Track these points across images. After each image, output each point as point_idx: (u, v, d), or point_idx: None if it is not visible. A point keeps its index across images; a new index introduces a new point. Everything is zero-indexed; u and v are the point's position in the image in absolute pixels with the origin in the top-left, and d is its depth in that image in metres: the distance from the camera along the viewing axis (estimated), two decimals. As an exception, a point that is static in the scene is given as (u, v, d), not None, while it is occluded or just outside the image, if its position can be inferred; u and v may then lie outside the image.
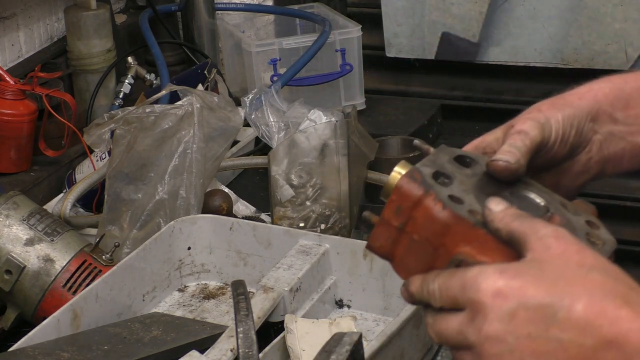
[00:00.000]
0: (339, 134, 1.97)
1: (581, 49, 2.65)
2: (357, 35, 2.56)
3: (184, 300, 1.80)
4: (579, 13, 2.62)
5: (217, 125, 1.92)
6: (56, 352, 1.51)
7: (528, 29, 2.69)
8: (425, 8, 2.76)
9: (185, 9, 2.66)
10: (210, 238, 1.84)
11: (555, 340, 0.88)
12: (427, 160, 1.05)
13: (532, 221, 0.96)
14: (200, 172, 1.88)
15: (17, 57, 2.38)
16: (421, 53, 2.82)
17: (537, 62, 2.72)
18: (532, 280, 0.90)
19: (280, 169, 1.99)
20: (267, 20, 2.83)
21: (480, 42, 2.74)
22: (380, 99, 2.70)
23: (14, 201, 1.76)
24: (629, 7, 2.57)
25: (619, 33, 2.60)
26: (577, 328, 0.88)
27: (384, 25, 2.81)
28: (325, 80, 2.55)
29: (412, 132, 2.42)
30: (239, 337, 1.44)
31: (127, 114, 1.90)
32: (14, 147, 2.16)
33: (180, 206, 1.87)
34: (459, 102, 2.88)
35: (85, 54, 2.40)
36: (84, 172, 2.12)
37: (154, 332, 1.61)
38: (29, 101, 2.15)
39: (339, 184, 1.98)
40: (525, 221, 0.96)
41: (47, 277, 1.73)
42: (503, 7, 2.69)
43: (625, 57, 2.62)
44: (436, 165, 1.04)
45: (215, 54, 2.67)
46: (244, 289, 1.55)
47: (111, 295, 1.68)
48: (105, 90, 2.42)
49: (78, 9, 2.39)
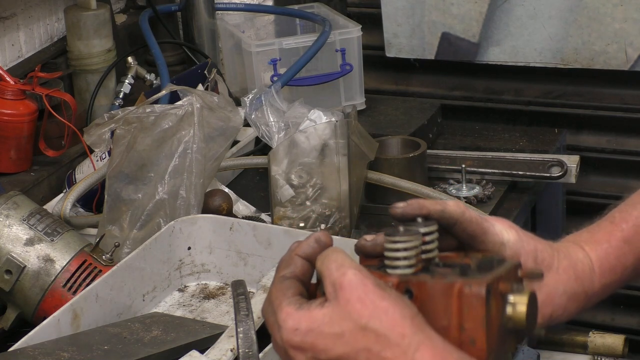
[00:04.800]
0: (339, 134, 1.97)
1: (581, 49, 2.65)
2: (357, 35, 2.56)
3: (184, 300, 1.80)
4: (579, 13, 2.62)
5: (217, 125, 1.92)
6: (56, 352, 1.51)
7: (528, 29, 2.69)
8: (425, 8, 2.76)
9: (185, 9, 2.66)
10: (210, 238, 1.84)
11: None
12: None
13: (330, 263, 1.02)
14: (200, 172, 1.88)
15: (17, 57, 2.38)
16: (421, 53, 2.82)
17: (537, 62, 2.72)
18: (321, 328, 1.01)
19: (280, 169, 1.99)
20: (267, 20, 2.83)
21: (480, 42, 2.74)
22: (380, 99, 2.70)
23: (14, 201, 1.76)
24: (629, 7, 2.57)
25: (619, 33, 2.60)
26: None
27: (384, 26, 2.81)
28: (325, 80, 2.55)
29: (412, 132, 2.42)
30: (239, 337, 1.44)
31: (127, 114, 1.90)
32: (14, 147, 2.16)
33: (180, 206, 1.87)
34: (459, 102, 2.88)
35: (85, 54, 2.40)
36: (84, 172, 2.12)
37: (154, 332, 1.61)
38: (29, 101, 2.15)
39: (339, 184, 1.98)
40: (325, 262, 1.03)
41: (47, 277, 1.73)
42: (503, 7, 2.69)
43: (625, 57, 2.62)
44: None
45: (215, 54, 2.66)
46: (244, 289, 1.55)
47: (111, 295, 1.68)
48: (105, 90, 2.42)
49: (78, 9, 2.39)
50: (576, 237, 1.25)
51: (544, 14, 2.66)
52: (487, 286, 0.99)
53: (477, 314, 0.99)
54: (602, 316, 2.90)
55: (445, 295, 1.00)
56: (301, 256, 1.08)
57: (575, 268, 1.20)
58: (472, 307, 0.99)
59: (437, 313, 1.00)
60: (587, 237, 1.25)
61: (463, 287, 0.99)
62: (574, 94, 2.78)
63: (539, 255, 1.17)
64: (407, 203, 1.10)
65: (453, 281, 1.00)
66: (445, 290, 1.00)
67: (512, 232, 1.16)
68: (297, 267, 1.08)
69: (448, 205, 1.12)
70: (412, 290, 1.02)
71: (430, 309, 1.00)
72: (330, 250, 1.06)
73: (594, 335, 2.18)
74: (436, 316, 1.00)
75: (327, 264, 1.03)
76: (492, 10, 2.70)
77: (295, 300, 1.04)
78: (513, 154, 2.36)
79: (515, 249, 1.14)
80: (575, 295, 1.20)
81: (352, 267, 1.02)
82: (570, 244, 1.23)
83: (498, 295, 1.01)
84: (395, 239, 1.04)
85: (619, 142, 2.75)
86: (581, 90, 2.76)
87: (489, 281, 0.99)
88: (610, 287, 1.24)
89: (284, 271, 1.08)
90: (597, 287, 1.23)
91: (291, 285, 1.06)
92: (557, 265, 1.19)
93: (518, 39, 2.71)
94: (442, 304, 1.00)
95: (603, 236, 1.24)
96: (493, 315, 1.00)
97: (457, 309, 0.99)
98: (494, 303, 1.00)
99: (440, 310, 1.00)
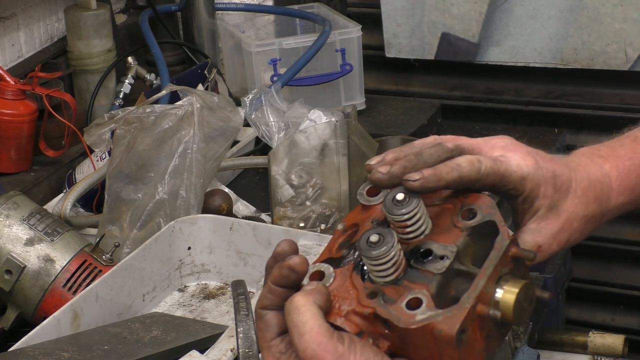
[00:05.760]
0: (339, 134, 1.97)
1: (581, 49, 2.65)
2: (357, 35, 2.56)
3: (184, 300, 1.81)
4: (579, 13, 2.62)
5: (217, 125, 1.92)
6: (56, 352, 1.51)
7: (528, 29, 2.69)
8: (425, 8, 2.76)
9: (185, 9, 2.66)
10: (210, 238, 1.84)
11: None
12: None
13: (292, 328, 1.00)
14: (200, 172, 1.88)
15: (17, 57, 2.38)
16: (421, 53, 2.82)
17: (537, 62, 2.72)
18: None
19: (280, 169, 1.99)
20: (267, 20, 2.83)
21: (480, 42, 2.74)
22: (380, 99, 2.70)
23: (14, 201, 1.77)
24: (629, 7, 2.57)
25: (619, 33, 2.60)
26: None
27: (384, 26, 2.81)
28: (325, 80, 2.55)
29: (412, 132, 2.42)
30: (239, 337, 1.44)
31: (127, 114, 1.90)
32: (14, 147, 2.16)
33: (180, 206, 1.87)
34: (459, 102, 2.88)
35: (85, 54, 2.40)
36: (84, 172, 2.12)
37: (154, 332, 1.61)
38: (29, 101, 2.15)
39: (339, 184, 1.98)
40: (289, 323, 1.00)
41: (47, 277, 1.73)
42: (503, 7, 2.69)
43: (625, 57, 2.62)
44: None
45: (215, 54, 2.67)
46: (244, 288, 1.55)
47: (111, 295, 1.68)
48: (105, 90, 2.42)
49: (78, 9, 2.39)
50: (594, 151, 1.21)
51: (544, 14, 2.66)
52: (457, 330, 0.97)
53: (453, 352, 0.98)
54: (602, 316, 2.91)
55: (420, 334, 0.99)
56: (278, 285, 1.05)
57: (594, 189, 1.17)
58: (446, 346, 0.98)
59: (415, 345, 0.99)
60: (607, 152, 1.20)
61: (433, 330, 0.98)
62: (574, 94, 2.78)
63: (557, 180, 1.14)
64: (423, 174, 1.04)
65: (425, 323, 0.98)
66: (419, 331, 0.99)
67: (530, 161, 1.12)
68: (274, 296, 1.05)
69: (463, 171, 1.08)
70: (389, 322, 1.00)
71: (409, 340, 1.00)
72: (292, 307, 1.00)
73: (594, 335, 2.19)
74: (416, 347, 0.99)
75: (290, 327, 1.00)
76: (491, 11, 2.70)
77: (273, 347, 1.02)
78: (513, 154, 2.36)
79: (535, 181, 1.10)
80: (594, 217, 1.17)
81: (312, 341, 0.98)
82: (587, 160, 1.19)
83: (477, 319, 0.99)
84: (372, 254, 1.00)
85: (619, 142, 2.74)
86: (581, 90, 2.76)
87: (461, 322, 0.97)
88: (627, 205, 1.20)
89: (264, 301, 1.05)
90: (613, 206, 1.19)
91: (270, 322, 1.03)
92: (575, 187, 1.15)
93: (518, 39, 2.71)
94: (419, 339, 0.99)
95: (626, 153, 1.20)
96: (473, 341, 0.99)
97: (434, 344, 0.98)
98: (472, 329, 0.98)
99: (419, 343, 0.99)
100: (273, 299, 1.03)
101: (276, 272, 1.02)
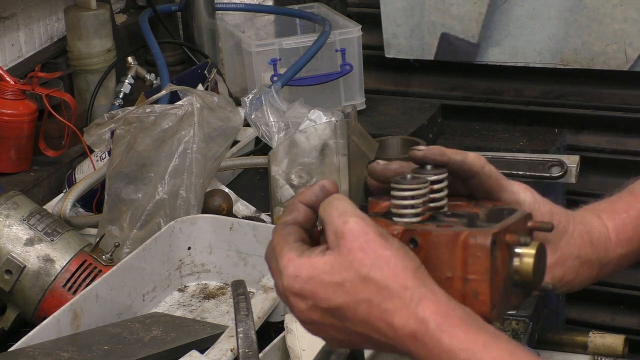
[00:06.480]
0: (339, 134, 1.97)
1: (581, 50, 2.65)
2: (357, 35, 2.56)
3: (184, 300, 1.81)
4: (579, 13, 2.62)
5: (217, 125, 1.92)
6: (56, 352, 1.51)
7: (527, 29, 2.69)
8: (424, 9, 2.76)
9: (185, 9, 2.66)
10: (210, 238, 1.84)
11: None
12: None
13: (332, 210, 1.01)
14: (200, 172, 1.88)
15: (17, 57, 2.38)
16: (420, 54, 2.82)
17: (537, 62, 2.72)
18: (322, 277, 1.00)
19: (280, 169, 1.99)
20: (267, 20, 2.83)
21: (480, 42, 2.74)
22: (380, 99, 2.70)
23: (14, 201, 1.77)
24: (629, 7, 2.57)
25: (619, 33, 2.60)
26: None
27: (383, 26, 2.81)
28: (325, 80, 2.55)
29: (412, 132, 2.42)
30: (239, 337, 1.44)
31: (127, 114, 1.90)
32: (14, 147, 2.16)
33: (180, 206, 1.87)
34: (459, 102, 2.88)
35: (85, 54, 2.40)
36: (84, 172, 2.12)
37: (154, 332, 1.61)
38: (29, 101, 2.15)
39: (339, 184, 1.98)
40: (328, 209, 1.01)
41: (47, 277, 1.73)
42: (502, 7, 2.69)
43: (624, 57, 2.62)
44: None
45: (215, 54, 2.67)
46: (244, 289, 1.55)
47: (111, 295, 1.68)
48: (105, 90, 2.42)
49: (78, 9, 2.39)
50: (594, 207, 1.23)
51: (544, 14, 2.66)
52: (492, 237, 0.95)
53: (481, 265, 0.96)
54: (602, 316, 2.90)
55: (449, 246, 0.97)
56: (304, 203, 1.06)
57: (591, 234, 1.18)
58: (476, 258, 0.96)
59: (441, 264, 0.97)
60: (605, 207, 1.23)
61: (468, 237, 0.96)
62: (574, 94, 2.78)
63: (555, 218, 1.15)
64: (429, 148, 1.07)
65: (458, 231, 0.96)
66: (450, 240, 0.96)
67: (528, 194, 1.14)
68: (299, 213, 1.05)
69: (469, 157, 1.09)
70: (417, 240, 0.98)
71: (434, 259, 0.97)
72: (333, 197, 1.02)
73: (594, 335, 2.19)
74: (440, 267, 0.97)
75: (329, 211, 1.01)
76: (491, 11, 2.70)
77: (296, 247, 1.02)
78: (513, 154, 2.36)
79: (530, 210, 1.12)
80: (589, 262, 1.18)
81: (354, 215, 0.99)
82: (587, 212, 1.22)
83: (504, 247, 0.98)
84: (403, 186, 1.01)
85: (619, 142, 2.75)
86: (581, 91, 2.76)
87: (495, 232, 0.96)
88: (626, 258, 1.22)
89: (287, 217, 1.05)
90: (612, 257, 1.20)
91: (293, 231, 1.03)
92: (572, 229, 1.17)
93: (517, 39, 2.71)
94: (447, 255, 0.97)
95: (622, 206, 1.23)
96: (498, 268, 0.97)
97: (462, 259, 0.96)
98: (500, 255, 0.97)
99: (444, 261, 0.97)
100: (297, 215, 1.05)
101: (307, 190, 1.05)
